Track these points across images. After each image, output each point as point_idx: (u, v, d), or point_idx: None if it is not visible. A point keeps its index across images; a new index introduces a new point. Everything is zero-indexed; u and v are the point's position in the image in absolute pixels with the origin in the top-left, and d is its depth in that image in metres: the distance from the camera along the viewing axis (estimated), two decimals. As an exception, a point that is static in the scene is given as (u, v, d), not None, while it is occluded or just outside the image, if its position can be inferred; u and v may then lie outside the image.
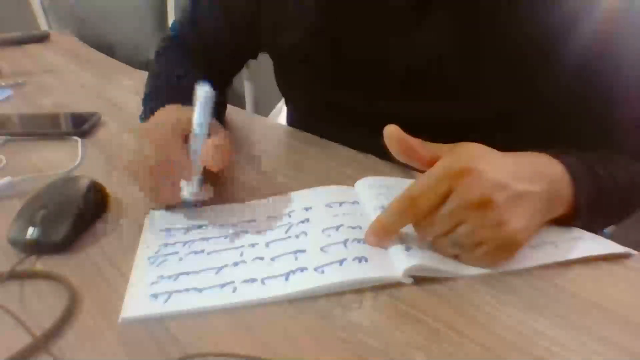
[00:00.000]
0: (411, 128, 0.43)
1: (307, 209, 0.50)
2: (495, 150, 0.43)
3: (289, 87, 0.74)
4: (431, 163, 0.41)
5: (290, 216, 0.49)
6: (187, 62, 0.72)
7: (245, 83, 1.34)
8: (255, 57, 0.77)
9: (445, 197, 0.39)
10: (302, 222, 0.48)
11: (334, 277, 0.40)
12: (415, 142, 0.43)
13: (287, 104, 0.83)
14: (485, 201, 0.38)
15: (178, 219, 0.50)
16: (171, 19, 1.67)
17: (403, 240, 0.43)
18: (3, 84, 0.95)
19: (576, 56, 0.52)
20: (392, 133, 0.42)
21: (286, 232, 0.47)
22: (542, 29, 0.52)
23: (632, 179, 0.51)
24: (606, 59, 0.52)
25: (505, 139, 0.46)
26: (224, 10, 0.70)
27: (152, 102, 0.63)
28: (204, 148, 0.47)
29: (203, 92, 0.47)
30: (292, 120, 0.83)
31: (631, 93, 0.53)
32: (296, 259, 0.43)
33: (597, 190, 0.46)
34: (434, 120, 0.56)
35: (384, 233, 0.43)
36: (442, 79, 0.58)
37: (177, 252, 0.45)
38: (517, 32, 0.53)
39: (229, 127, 0.73)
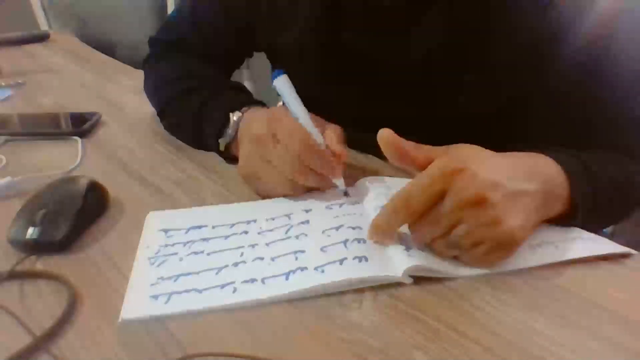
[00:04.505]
0: (410, 125, 0.43)
1: (307, 211, 0.50)
2: (489, 151, 0.43)
3: None
4: (425, 165, 0.41)
5: (290, 218, 0.49)
6: (198, 66, 0.72)
7: (246, 83, 1.34)
8: (250, 55, 0.78)
9: (439, 197, 0.39)
10: (302, 223, 0.48)
11: (334, 276, 0.40)
12: (409, 145, 0.43)
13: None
14: (480, 200, 0.38)
15: (178, 220, 0.50)
16: (171, 19, 1.66)
17: (403, 240, 0.43)
18: (3, 84, 0.95)
19: (581, 51, 0.52)
20: (385, 137, 0.42)
21: (286, 232, 0.47)
22: (548, 21, 0.52)
23: (629, 178, 0.51)
24: (610, 56, 0.52)
25: (505, 136, 0.46)
26: (224, 11, 0.70)
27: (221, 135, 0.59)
28: (325, 137, 0.51)
29: (282, 83, 0.51)
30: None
31: (632, 92, 0.54)
32: (296, 259, 0.43)
33: (593, 189, 0.46)
34: (432, 117, 0.57)
35: (380, 234, 0.43)
36: (441, 74, 0.58)
37: (177, 253, 0.45)
38: (522, 27, 0.53)
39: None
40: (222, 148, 0.59)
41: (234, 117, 0.57)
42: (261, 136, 0.50)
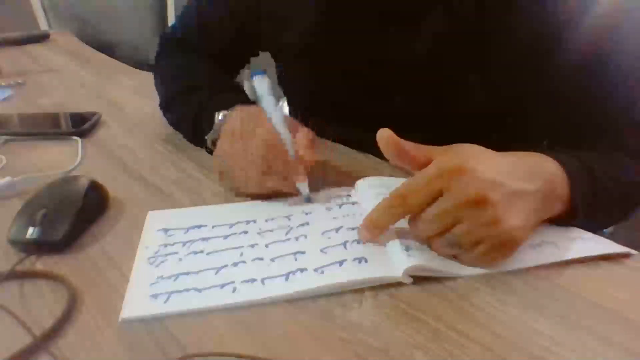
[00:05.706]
0: (411, 125, 0.43)
1: (306, 212, 0.50)
2: (490, 150, 0.43)
3: (290, 85, 0.75)
4: (425, 165, 0.41)
5: (289, 219, 0.49)
6: (201, 65, 0.72)
7: (246, 83, 1.33)
8: (256, 54, 0.78)
9: (436, 196, 0.39)
10: (302, 224, 0.48)
11: (333, 277, 0.40)
12: (409, 145, 0.43)
13: (288, 103, 0.83)
14: (480, 199, 0.38)
15: (178, 220, 0.50)
16: (171, 18, 1.66)
17: (403, 240, 0.43)
18: (3, 83, 0.95)
19: (580, 52, 0.52)
20: (385, 137, 0.42)
21: (286, 234, 0.47)
22: (547, 23, 0.52)
23: (630, 178, 0.51)
24: (610, 56, 0.52)
25: (506, 137, 0.46)
26: (228, 11, 0.70)
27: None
28: (295, 142, 0.50)
29: (260, 82, 0.49)
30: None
31: (632, 92, 0.54)
32: (296, 259, 0.43)
33: (593, 188, 0.46)
34: (433, 117, 0.57)
35: (373, 228, 0.43)
36: (442, 75, 0.58)
37: (176, 253, 0.45)
38: (522, 27, 0.53)
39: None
40: (209, 144, 0.59)
41: (219, 115, 0.57)
42: (233, 132, 0.51)
